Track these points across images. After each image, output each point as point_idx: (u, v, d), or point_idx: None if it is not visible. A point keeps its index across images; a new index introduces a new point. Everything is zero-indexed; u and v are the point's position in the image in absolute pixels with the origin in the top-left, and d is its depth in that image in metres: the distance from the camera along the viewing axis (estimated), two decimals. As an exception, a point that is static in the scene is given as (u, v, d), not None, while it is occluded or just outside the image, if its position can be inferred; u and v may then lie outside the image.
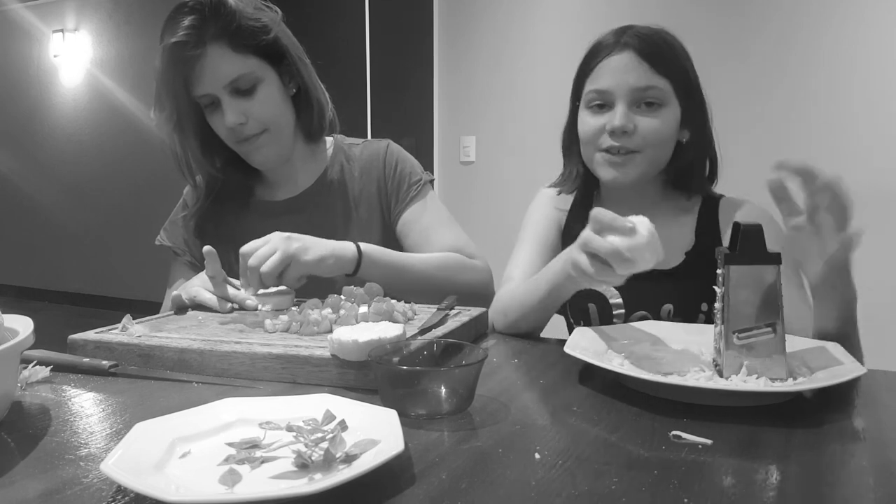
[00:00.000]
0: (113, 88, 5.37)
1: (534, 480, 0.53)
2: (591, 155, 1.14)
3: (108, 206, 5.55)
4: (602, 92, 1.10)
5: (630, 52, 1.09)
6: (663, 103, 1.09)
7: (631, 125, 1.08)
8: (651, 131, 1.08)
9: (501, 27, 3.40)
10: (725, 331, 0.75)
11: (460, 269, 1.24)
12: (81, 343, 0.89)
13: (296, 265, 1.05)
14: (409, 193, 1.32)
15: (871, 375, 0.75)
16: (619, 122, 1.07)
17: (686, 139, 1.14)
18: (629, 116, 1.08)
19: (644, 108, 1.09)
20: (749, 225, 0.75)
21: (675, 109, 1.11)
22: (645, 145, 1.09)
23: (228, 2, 1.15)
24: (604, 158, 1.12)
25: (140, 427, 0.57)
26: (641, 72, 1.08)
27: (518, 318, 1.05)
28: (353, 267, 1.12)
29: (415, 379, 0.67)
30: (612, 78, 1.10)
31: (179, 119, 1.20)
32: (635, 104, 1.09)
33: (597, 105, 1.12)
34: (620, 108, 1.08)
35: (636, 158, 1.10)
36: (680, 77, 1.11)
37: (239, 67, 1.16)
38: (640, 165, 1.10)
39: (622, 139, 1.08)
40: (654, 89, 1.08)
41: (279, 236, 1.05)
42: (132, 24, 5.27)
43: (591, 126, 1.12)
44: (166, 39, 1.14)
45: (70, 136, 5.71)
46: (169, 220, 1.39)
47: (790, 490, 0.52)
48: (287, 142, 1.28)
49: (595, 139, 1.12)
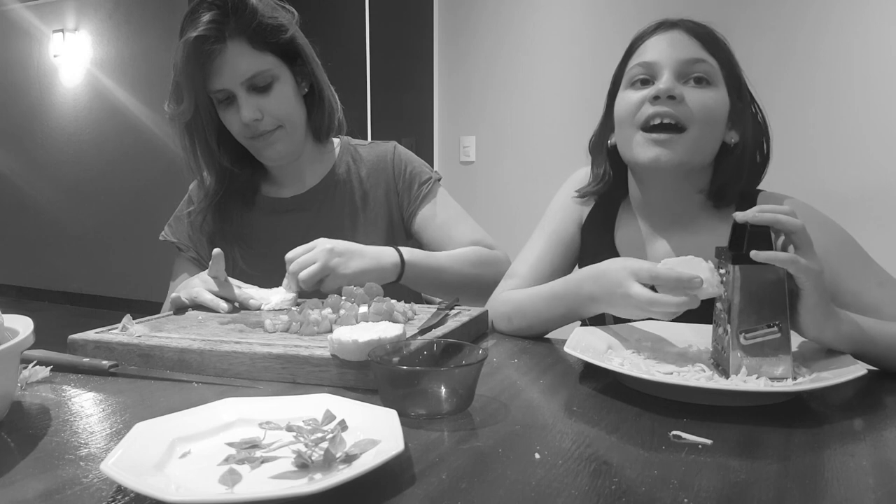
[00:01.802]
0: (113, 88, 5.37)
1: (534, 480, 0.53)
2: (629, 136, 1.02)
3: (108, 206, 5.55)
4: (648, 64, 1.00)
5: (679, 29, 1.01)
6: (712, 81, 0.99)
7: (679, 92, 0.97)
8: (700, 105, 0.97)
9: (501, 27, 3.40)
10: (732, 331, 0.75)
11: (487, 263, 1.27)
12: (81, 343, 0.89)
13: (333, 278, 1.06)
14: (421, 192, 1.34)
15: (871, 375, 0.75)
16: (664, 85, 0.97)
17: (734, 141, 1.02)
18: (676, 84, 0.98)
19: (692, 84, 0.99)
20: (756, 224, 0.75)
21: (724, 96, 1.00)
22: (692, 119, 0.97)
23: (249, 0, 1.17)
24: (645, 138, 0.99)
25: (140, 427, 0.57)
26: (691, 45, 0.99)
27: (524, 327, 1.03)
28: (397, 275, 1.14)
29: (415, 379, 0.67)
30: (659, 51, 1.00)
31: (197, 112, 1.21)
32: (682, 78, 0.99)
33: (640, 81, 1.02)
34: (667, 74, 0.98)
35: (682, 138, 0.98)
36: (729, 64, 1.01)
37: (257, 64, 1.18)
38: (686, 145, 0.98)
39: (668, 104, 0.97)
40: (704, 63, 0.98)
41: (323, 246, 1.07)
42: (132, 24, 5.27)
43: (632, 100, 1.01)
44: (188, 33, 1.14)
45: (70, 136, 5.71)
46: (174, 215, 1.40)
47: (790, 490, 0.52)
48: (299, 140, 1.29)
49: (634, 113, 1.00)
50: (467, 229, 1.33)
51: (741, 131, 1.02)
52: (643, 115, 0.99)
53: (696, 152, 0.99)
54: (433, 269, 1.18)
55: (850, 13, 2.74)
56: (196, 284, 1.12)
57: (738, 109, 1.01)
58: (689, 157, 0.98)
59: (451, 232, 1.31)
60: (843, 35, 2.75)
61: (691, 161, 0.99)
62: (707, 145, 1.00)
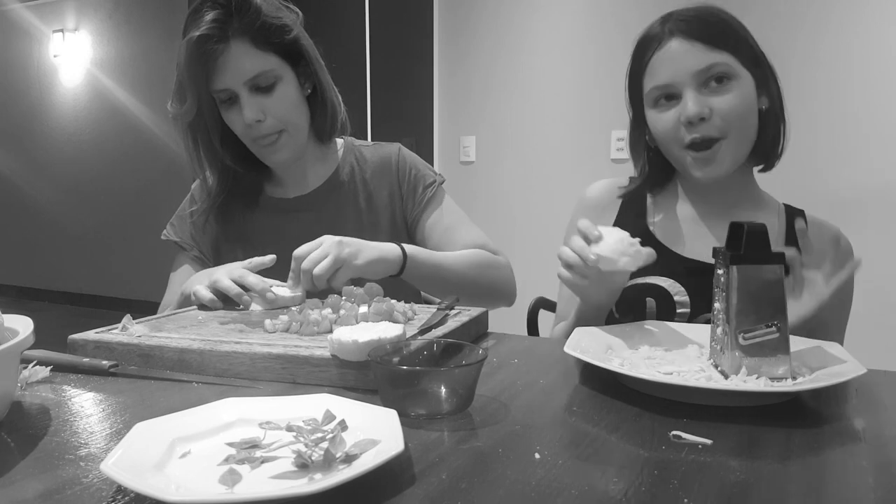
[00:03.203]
0: (113, 88, 5.37)
1: (534, 480, 0.53)
2: (678, 156, 1.07)
3: (108, 206, 5.55)
4: (664, 86, 1.04)
5: (678, 38, 1.03)
6: (732, 76, 1.01)
7: (706, 109, 1.00)
8: (729, 110, 1.00)
9: (501, 27, 3.40)
10: (731, 331, 0.75)
11: (488, 266, 1.27)
12: (81, 343, 0.89)
13: (346, 269, 1.06)
14: (426, 196, 1.34)
15: (871, 375, 0.75)
16: (692, 111, 1.00)
17: (766, 106, 1.06)
18: (701, 101, 1.00)
19: (715, 87, 1.01)
20: (753, 224, 0.76)
21: (748, 79, 1.03)
22: (728, 128, 1.01)
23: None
24: (694, 158, 1.04)
25: (140, 427, 0.57)
26: (697, 53, 1.01)
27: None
28: (399, 268, 1.13)
29: (415, 379, 0.67)
30: (669, 69, 1.03)
31: (200, 112, 1.21)
32: (703, 86, 1.01)
33: (664, 100, 1.05)
34: (690, 94, 1.01)
35: (721, 148, 1.02)
36: (740, 46, 1.03)
37: (260, 64, 1.17)
38: (728, 153, 1.02)
39: (700, 128, 1.01)
40: (718, 65, 1.01)
41: (331, 240, 1.06)
42: (132, 24, 5.28)
43: (665, 123, 1.05)
44: (190, 33, 1.14)
45: (70, 136, 5.71)
46: (176, 214, 1.39)
47: (790, 490, 0.52)
48: (302, 141, 1.29)
49: (674, 135, 1.04)
50: (470, 234, 1.33)
51: (769, 94, 1.06)
52: (683, 137, 1.03)
53: (740, 152, 1.05)
54: (434, 266, 1.19)
55: (850, 13, 2.74)
56: (199, 282, 1.12)
57: (760, 76, 1.05)
58: (736, 159, 1.04)
59: (455, 236, 1.31)
60: (843, 35, 2.75)
61: (739, 161, 1.05)
62: (749, 135, 1.05)
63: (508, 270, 1.31)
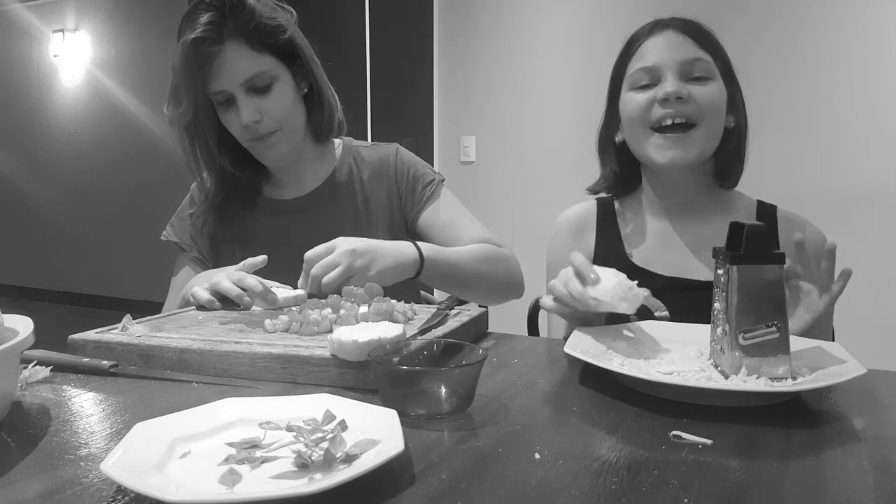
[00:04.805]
0: (113, 88, 5.37)
1: (534, 480, 0.53)
2: (642, 138, 1.07)
3: (108, 206, 5.55)
4: (649, 68, 1.05)
5: (672, 30, 1.05)
6: (712, 77, 1.04)
7: (685, 91, 1.02)
8: (707, 100, 1.03)
9: (501, 27, 3.40)
10: (731, 331, 0.75)
11: (497, 260, 1.27)
12: (81, 343, 0.89)
13: (357, 279, 1.04)
14: (425, 194, 1.33)
15: (871, 375, 0.75)
16: (671, 87, 1.01)
17: (732, 125, 1.09)
18: (681, 84, 1.02)
19: (693, 82, 1.04)
20: (753, 224, 0.75)
21: (723, 87, 1.06)
22: (702, 115, 1.03)
23: (247, 0, 1.16)
24: (660, 140, 1.05)
25: (140, 427, 0.57)
26: (687, 46, 1.04)
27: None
28: (416, 271, 1.12)
29: (415, 379, 0.67)
30: (658, 54, 1.05)
31: (196, 114, 1.21)
32: (684, 78, 1.04)
33: (643, 85, 1.06)
34: (671, 76, 1.03)
35: (694, 134, 1.03)
36: (720, 55, 1.07)
37: (256, 65, 1.17)
38: (699, 141, 1.04)
39: (676, 105, 1.02)
40: (702, 62, 1.03)
41: (344, 248, 1.03)
42: (132, 24, 5.28)
43: (638, 102, 1.06)
44: (185, 35, 1.14)
45: (70, 136, 5.71)
46: (175, 215, 1.39)
47: (790, 490, 0.52)
48: (299, 141, 1.29)
49: (644, 114, 1.05)
50: (474, 229, 1.32)
51: (736, 115, 1.09)
52: (654, 116, 1.04)
53: (708, 145, 1.06)
54: (449, 265, 1.18)
55: (850, 13, 2.74)
56: (198, 284, 1.12)
57: (731, 95, 1.08)
58: (703, 151, 1.05)
59: (458, 232, 1.31)
60: (843, 35, 2.75)
61: (705, 154, 1.06)
62: (716, 136, 1.07)
63: (515, 262, 1.30)
